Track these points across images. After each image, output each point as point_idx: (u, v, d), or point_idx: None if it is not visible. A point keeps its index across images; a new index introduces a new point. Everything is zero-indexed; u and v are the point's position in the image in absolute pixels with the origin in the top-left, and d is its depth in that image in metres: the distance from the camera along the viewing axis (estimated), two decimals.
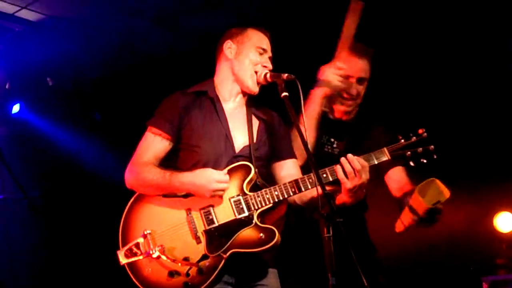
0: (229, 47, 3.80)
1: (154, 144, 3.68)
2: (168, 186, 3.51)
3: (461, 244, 6.77)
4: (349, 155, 3.35)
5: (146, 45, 7.19)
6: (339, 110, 4.35)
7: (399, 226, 4.30)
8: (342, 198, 3.44)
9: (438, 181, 3.96)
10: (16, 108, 7.69)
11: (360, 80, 4.31)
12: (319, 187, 3.09)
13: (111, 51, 7.22)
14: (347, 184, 3.33)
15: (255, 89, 3.73)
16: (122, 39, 7.01)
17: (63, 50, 7.06)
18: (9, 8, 6.22)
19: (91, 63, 7.40)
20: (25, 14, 6.37)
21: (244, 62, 3.73)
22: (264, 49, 3.77)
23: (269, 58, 3.80)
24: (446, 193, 3.87)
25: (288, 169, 3.80)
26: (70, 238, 7.61)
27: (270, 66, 3.75)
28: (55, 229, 7.59)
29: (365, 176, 3.34)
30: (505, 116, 6.51)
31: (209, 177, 3.42)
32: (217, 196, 3.46)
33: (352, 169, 3.31)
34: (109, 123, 7.95)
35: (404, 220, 4.20)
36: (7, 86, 7.31)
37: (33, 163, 7.52)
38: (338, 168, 3.36)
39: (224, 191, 3.47)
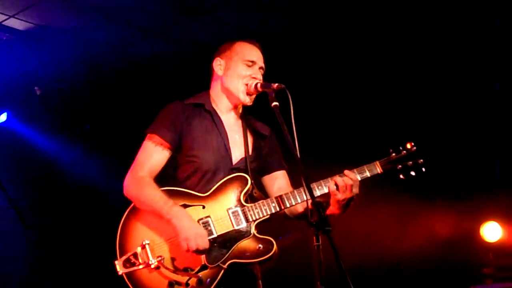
0: (218, 64, 3.83)
1: (155, 154, 3.68)
2: (166, 213, 3.48)
3: (448, 254, 6.80)
4: (345, 171, 3.45)
5: (135, 54, 7.19)
6: None
7: None
8: (331, 209, 3.50)
9: None
10: (3, 117, 7.66)
11: None
12: (309, 195, 3.14)
13: (99, 60, 7.22)
14: (338, 196, 3.42)
15: (246, 101, 3.75)
16: (111, 48, 7.00)
17: (51, 59, 7.04)
18: None
19: (80, 72, 7.39)
20: (13, 23, 6.34)
21: (233, 77, 3.75)
22: (252, 61, 3.78)
23: (261, 68, 3.82)
24: None
25: (278, 181, 3.85)
26: (58, 247, 7.58)
27: (260, 77, 3.76)
28: (43, 239, 7.55)
29: (355, 191, 3.44)
30: (491, 126, 6.58)
31: (198, 240, 3.39)
32: (183, 246, 3.42)
33: (344, 183, 3.40)
34: (99, 133, 7.94)
35: None
36: None
37: (21, 173, 7.49)
38: (331, 181, 3.44)
39: (191, 250, 3.41)
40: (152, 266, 3.47)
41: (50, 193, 7.77)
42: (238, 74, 3.74)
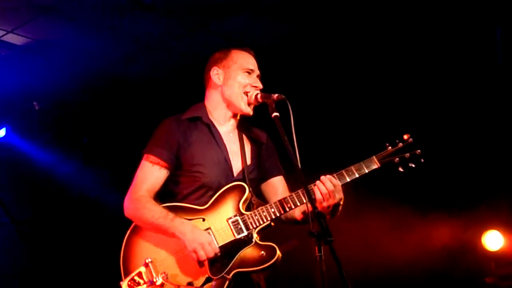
0: (216, 74, 3.81)
1: (152, 174, 3.68)
2: (169, 227, 3.50)
3: (450, 263, 6.78)
4: (322, 177, 3.43)
5: (133, 68, 7.20)
6: None
7: None
8: None
9: None
10: (2, 133, 7.65)
11: None
12: (309, 205, 3.16)
13: (97, 75, 7.22)
14: (323, 203, 3.41)
15: (248, 111, 3.76)
16: (109, 62, 7.01)
17: (49, 74, 7.03)
18: None
19: (78, 87, 7.38)
20: (11, 38, 6.34)
21: (234, 87, 3.75)
22: (251, 69, 3.78)
23: (258, 76, 3.82)
24: None
25: (276, 188, 3.86)
26: (58, 262, 7.55)
27: (260, 85, 3.77)
28: (43, 255, 7.52)
29: (339, 196, 3.42)
30: (494, 135, 6.58)
31: (205, 243, 3.41)
32: (197, 256, 3.43)
33: (326, 190, 3.38)
34: (97, 146, 7.93)
35: None
36: None
37: (20, 188, 7.47)
38: (314, 188, 3.42)
39: (203, 259, 3.42)
40: (157, 284, 3.47)
41: (49, 207, 7.75)
42: (239, 83, 3.74)
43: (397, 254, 6.70)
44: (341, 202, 3.44)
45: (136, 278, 3.53)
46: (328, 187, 3.38)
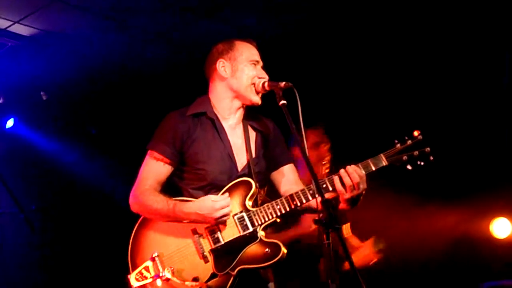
0: (222, 66, 3.78)
1: (156, 169, 3.69)
2: (172, 215, 3.54)
3: (457, 251, 6.78)
4: (348, 167, 3.39)
5: (141, 59, 7.20)
6: None
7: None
8: (341, 206, 3.48)
9: None
10: (10, 123, 7.69)
11: None
12: (318, 194, 3.13)
13: (105, 65, 7.22)
14: (346, 195, 3.39)
15: (257, 101, 3.75)
16: (116, 53, 7.01)
17: (57, 64, 7.05)
18: (1, 23, 6.20)
19: (85, 77, 7.40)
20: (18, 28, 6.34)
21: (242, 78, 3.73)
22: (256, 61, 3.78)
23: (262, 67, 3.82)
24: None
25: (286, 176, 3.84)
26: (66, 252, 7.59)
27: (266, 76, 3.75)
28: (51, 245, 7.57)
29: (363, 186, 3.40)
30: (501, 121, 6.56)
31: (211, 206, 3.44)
32: (222, 220, 3.49)
33: (351, 181, 3.35)
34: (104, 137, 7.95)
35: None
36: (0, 101, 7.31)
37: (28, 178, 7.51)
38: (336, 179, 3.39)
39: (228, 215, 3.50)
40: (163, 278, 3.52)
41: (57, 197, 7.79)
42: (247, 75, 3.72)
43: (404, 242, 6.69)
44: (364, 193, 3.42)
45: (143, 271, 3.59)
46: (353, 179, 3.35)
